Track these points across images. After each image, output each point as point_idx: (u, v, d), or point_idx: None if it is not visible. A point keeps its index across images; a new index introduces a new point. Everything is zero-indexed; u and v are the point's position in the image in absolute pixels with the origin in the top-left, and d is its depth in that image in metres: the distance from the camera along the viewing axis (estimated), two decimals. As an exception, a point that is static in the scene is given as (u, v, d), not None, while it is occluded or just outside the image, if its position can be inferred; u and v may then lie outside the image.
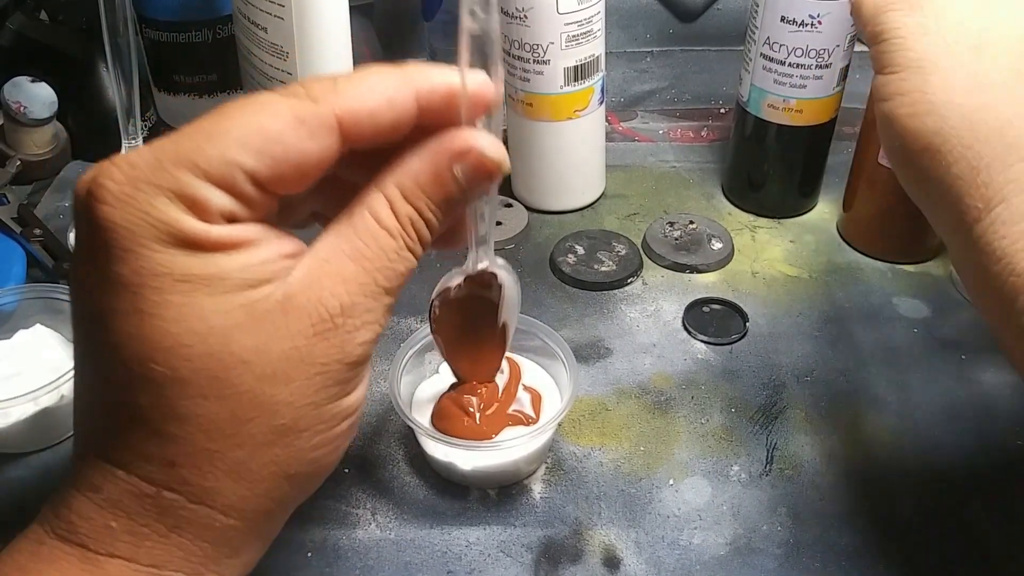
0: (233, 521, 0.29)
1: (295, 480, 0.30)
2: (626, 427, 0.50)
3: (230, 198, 0.27)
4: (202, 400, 0.27)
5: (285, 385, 0.28)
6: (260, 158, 0.27)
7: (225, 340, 0.27)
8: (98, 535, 0.28)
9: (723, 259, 0.61)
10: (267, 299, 0.28)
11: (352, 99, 0.29)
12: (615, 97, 0.79)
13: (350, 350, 0.29)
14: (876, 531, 0.44)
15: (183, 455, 0.28)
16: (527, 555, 0.44)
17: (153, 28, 0.68)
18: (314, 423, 0.29)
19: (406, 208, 0.30)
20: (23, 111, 0.63)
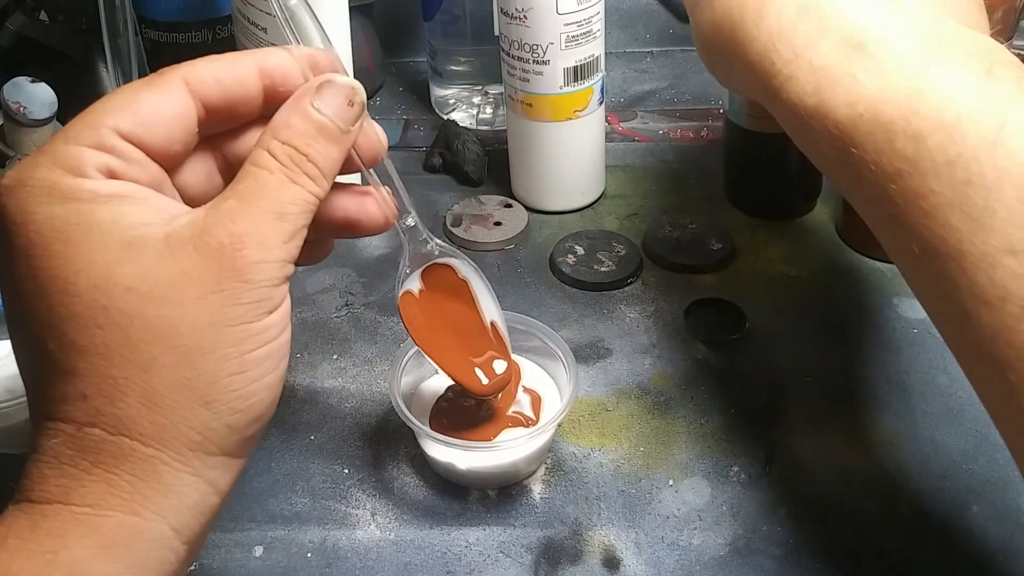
0: (155, 451, 0.30)
1: (215, 409, 0.30)
2: (626, 427, 0.50)
3: (104, 154, 0.31)
4: (97, 330, 0.29)
5: (177, 306, 0.30)
6: (120, 114, 0.31)
7: (106, 271, 0.29)
8: (36, 485, 0.30)
9: (723, 259, 0.61)
10: (146, 237, 0.30)
11: (193, 65, 0.33)
12: (615, 97, 0.79)
13: (242, 267, 0.30)
14: (876, 531, 0.44)
15: (92, 386, 0.29)
16: (527, 556, 0.44)
17: (153, 28, 0.68)
18: (219, 344, 0.30)
19: (282, 148, 0.32)
20: (23, 111, 0.63)
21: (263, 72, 0.34)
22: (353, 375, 0.54)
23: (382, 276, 0.61)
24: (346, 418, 0.51)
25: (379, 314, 0.58)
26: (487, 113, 0.75)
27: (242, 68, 0.34)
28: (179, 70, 0.33)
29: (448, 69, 0.76)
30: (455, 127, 0.71)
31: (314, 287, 0.60)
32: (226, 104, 0.34)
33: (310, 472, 0.48)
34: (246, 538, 0.45)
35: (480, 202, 0.66)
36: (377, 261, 0.62)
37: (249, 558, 0.44)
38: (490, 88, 0.76)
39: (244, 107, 0.34)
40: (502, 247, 0.63)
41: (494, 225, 0.64)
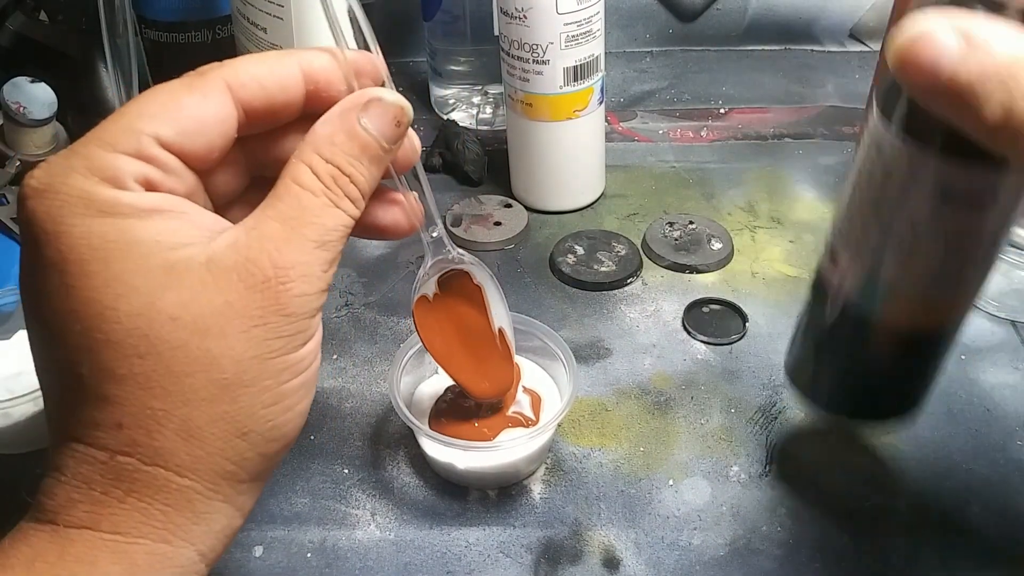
0: (189, 482, 0.30)
1: (251, 440, 0.30)
2: (626, 427, 0.50)
3: (142, 163, 0.29)
4: (137, 359, 0.28)
5: (220, 339, 0.29)
6: (160, 121, 0.30)
7: (149, 298, 0.28)
8: (63, 509, 0.29)
9: (723, 259, 0.61)
10: (189, 260, 0.29)
11: (235, 66, 0.32)
12: (615, 97, 0.79)
13: (286, 301, 0.30)
14: (876, 531, 0.44)
15: (128, 416, 0.28)
16: (527, 556, 0.44)
17: (153, 28, 0.68)
18: (260, 377, 0.30)
19: (325, 167, 0.31)
20: (23, 111, 0.63)
21: (307, 76, 0.33)
22: (353, 375, 0.54)
23: (382, 276, 0.61)
24: (346, 418, 0.51)
25: (379, 314, 0.58)
26: (487, 113, 0.75)
27: (285, 71, 0.33)
28: (221, 71, 0.32)
29: (448, 69, 0.76)
30: (455, 127, 0.71)
31: (314, 287, 0.60)
32: (267, 108, 0.33)
33: (310, 472, 0.48)
34: (246, 538, 0.45)
35: (480, 202, 0.66)
36: (377, 261, 0.62)
37: (249, 558, 0.44)
38: (490, 88, 0.76)
39: (285, 111, 0.33)
40: (502, 247, 0.63)
41: (494, 225, 0.64)
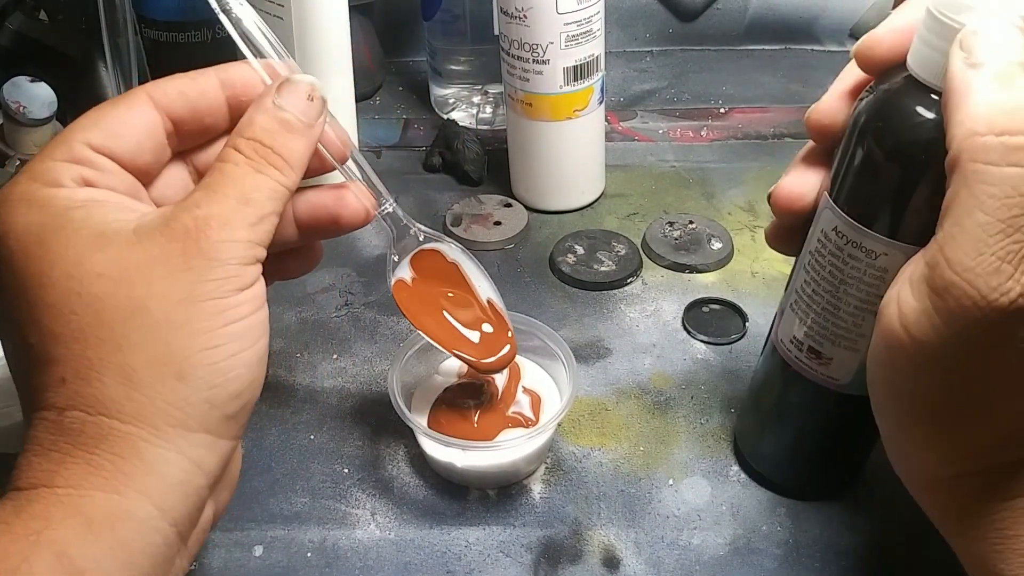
0: (134, 428, 0.30)
1: (192, 384, 0.31)
2: (626, 427, 0.50)
3: (76, 165, 0.33)
4: (72, 315, 0.30)
5: (146, 285, 0.31)
6: (90, 130, 0.33)
7: (77, 261, 0.31)
8: (24, 474, 0.30)
9: (723, 259, 0.61)
10: (117, 229, 0.31)
11: (158, 82, 0.36)
12: (615, 97, 0.79)
13: (207, 246, 0.31)
14: (876, 531, 0.44)
15: (69, 370, 0.30)
16: (527, 555, 0.44)
17: (152, 28, 0.68)
18: (191, 319, 0.31)
19: (246, 143, 0.34)
20: (22, 111, 0.63)
21: (225, 84, 0.36)
22: (353, 375, 0.54)
23: (382, 276, 0.60)
24: (346, 418, 0.51)
25: (379, 314, 0.58)
26: (487, 113, 0.75)
27: (204, 81, 0.36)
28: (144, 87, 0.35)
29: (448, 68, 0.76)
30: (455, 126, 0.71)
31: (314, 287, 0.60)
32: (192, 116, 0.36)
33: (310, 472, 0.48)
34: (246, 538, 0.45)
35: (480, 201, 0.66)
36: (377, 261, 0.62)
37: (249, 558, 0.44)
38: (490, 87, 0.76)
39: (210, 118, 0.37)
40: (502, 247, 0.63)
41: (494, 225, 0.64)
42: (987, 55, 0.29)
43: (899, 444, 0.35)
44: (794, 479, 0.46)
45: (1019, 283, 0.28)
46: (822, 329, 0.39)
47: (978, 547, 0.33)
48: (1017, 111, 0.28)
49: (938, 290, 0.29)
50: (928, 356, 0.30)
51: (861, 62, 0.36)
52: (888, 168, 0.34)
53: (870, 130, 0.34)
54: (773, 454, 0.46)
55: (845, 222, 0.36)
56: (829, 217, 0.37)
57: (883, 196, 0.34)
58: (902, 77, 0.33)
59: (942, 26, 0.31)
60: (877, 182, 0.34)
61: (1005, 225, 0.28)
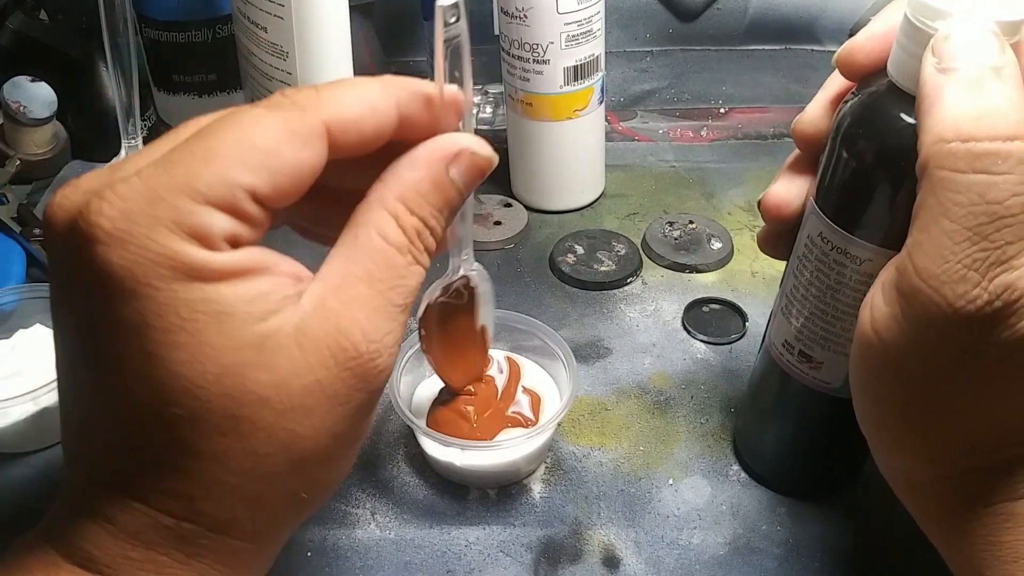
0: (249, 545, 0.30)
1: (308, 503, 0.31)
2: (626, 427, 0.50)
3: (232, 220, 0.27)
4: (220, 437, 0.27)
5: (306, 419, 0.28)
6: (259, 174, 0.27)
7: (240, 379, 0.27)
8: (118, 564, 0.28)
9: (723, 259, 0.61)
10: (279, 332, 0.27)
11: (337, 106, 0.29)
12: (615, 97, 0.79)
13: (372, 377, 0.29)
14: (876, 531, 0.44)
15: (201, 489, 0.28)
16: (527, 555, 0.44)
17: (153, 28, 0.68)
18: (334, 454, 0.29)
19: (411, 220, 0.30)
20: (23, 111, 0.63)
21: (402, 118, 0.31)
22: (353, 374, 0.54)
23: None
24: (346, 417, 0.51)
25: (379, 313, 0.58)
26: (487, 112, 0.75)
27: (385, 113, 0.30)
28: (322, 110, 0.28)
29: (448, 68, 0.76)
30: (455, 126, 0.71)
31: (314, 286, 0.60)
32: (355, 152, 0.30)
33: (310, 471, 0.48)
34: (246, 537, 0.45)
35: (480, 201, 0.66)
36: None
37: (249, 557, 0.44)
38: (490, 87, 0.76)
39: (368, 149, 0.30)
40: (502, 246, 0.63)
41: (494, 224, 0.64)
42: (959, 60, 0.29)
43: (877, 446, 0.35)
44: (791, 478, 0.46)
45: (985, 291, 0.28)
46: (811, 333, 0.39)
47: (963, 552, 0.33)
48: (984, 117, 0.28)
49: (906, 295, 0.29)
50: (894, 359, 0.31)
51: (842, 69, 0.36)
52: (868, 174, 0.34)
53: (850, 136, 0.34)
54: (770, 454, 0.46)
55: (829, 228, 0.36)
56: (814, 223, 0.37)
57: (864, 202, 0.34)
58: (882, 83, 0.33)
59: (918, 32, 0.31)
60: (858, 188, 0.34)
61: (971, 233, 0.28)
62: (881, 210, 0.34)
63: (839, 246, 0.36)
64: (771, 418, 0.45)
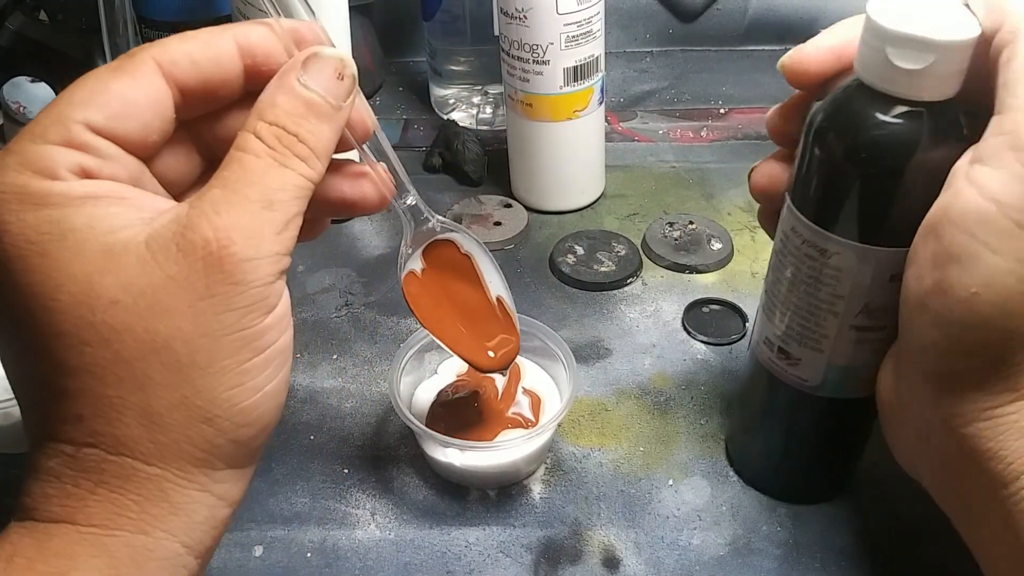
0: (158, 470, 0.29)
1: (218, 425, 0.29)
2: (626, 427, 0.50)
3: (76, 152, 0.28)
4: (85, 347, 0.27)
5: (166, 317, 0.28)
6: (89, 108, 0.29)
7: (88, 284, 0.27)
8: (39, 504, 0.29)
9: (723, 259, 0.61)
10: (127, 241, 0.28)
11: (167, 45, 0.31)
12: (615, 97, 0.79)
13: (232, 268, 0.28)
14: (876, 531, 0.44)
15: (87, 407, 0.28)
16: (527, 555, 0.44)
17: (152, 28, 0.68)
18: (216, 357, 0.28)
19: (268, 129, 0.30)
20: (23, 111, 0.63)
21: (243, 50, 0.31)
22: (353, 375, 0.54)
23: (382, 276, 0.61)
24: (346, 418, 0.51)
25: (379, 314, 0.58)
26: (487, 113, 0.75)
27: (220, 47, 0.31)
28: (150, 51, 0.30)
29: (448, 69, 0.76)
30: (455, 127, 0.71)
31: (314, 287, 0.60)
32: (204, 86, 0.31)
33: (310, 472, 0.48)
34: (246, 538, 0.45)
35: (480, 202, 0.66)
36: (377, 261, 0.62)
37: (249, 558, 0.44)
38: (490, 88, 0.76)
39: (224, 89, 0.32)
40: (502, 247, 0.63)
41: (494, 225, 0.64)
42: None
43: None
44: (781, 483, 0.46)
45: None
46: (788, 329, 0.39)
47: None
48: None
49: None
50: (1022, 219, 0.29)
51: (788, 76, 0.37)
52: (838, 169, 0.34)
53: (821, 132, 0.35)
54: (758, 459, 0.46)
55: (801, 222, 0.36)
56: (788, 218, 0.37)
57: (835, 197, 0.35)
58: (850, 81, 0.34)
59: (884, 30, 0.31)
60: (829, 183, 0.35)
61: None
62: (851, 205, 0.34)
63: (810, 240, 0.36)
64: (757, 421, 0.45)
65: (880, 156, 0.33)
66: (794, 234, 0.37)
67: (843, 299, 0.36)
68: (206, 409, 0.29)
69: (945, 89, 0.32)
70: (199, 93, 0.31)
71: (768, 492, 0.46)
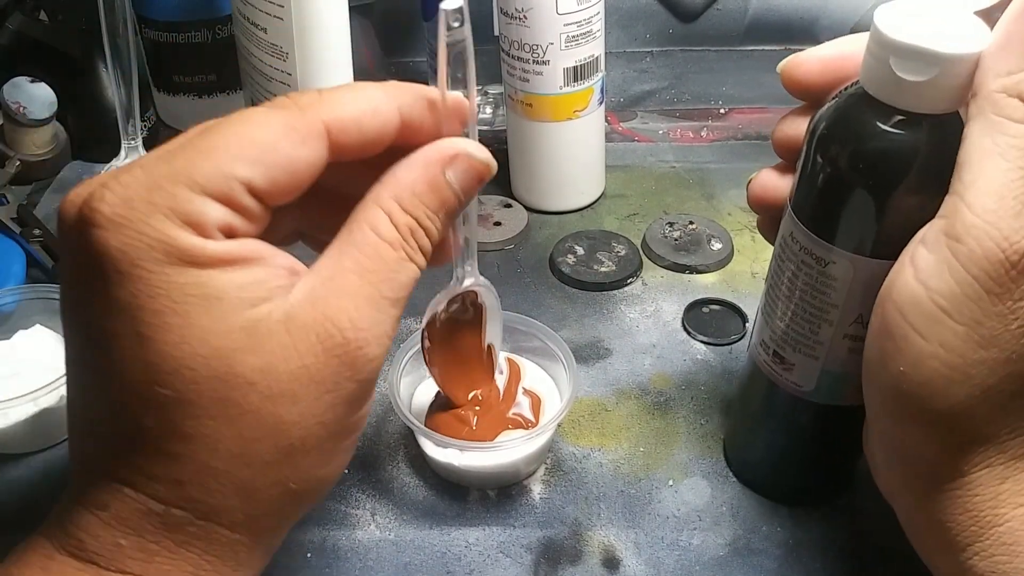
0: (239, 537, 0.29)
1: (300, 496, 0.30)
2: (626, 428, 0.50)
3: (228, 211, 0.28)
4: (208, 420, 0.27)
5: (293, 405, 0.28)
6: (255, 168, 0.28)
7: (229, 362, 0.27)
8: (108, 552, 0.28)
9: (723, 259, 0.61)
10: (268, 318, 0.28)
11: (338, 107, 0.30)
12: (615, 97, 0.79)
13: (360, 366, 0.29)
14: (876, 531, 0.44)
15: (190, 474, 0.28)
16: (526, 556, 0.44)
17: (153, 28, 0.68)
18: (322, 443, 0.29)
19: (405, 218, 0.30)
20: (23, 111, 0.63)
21: (404, 121, 0.31)
22: (353, 375, 0.54)
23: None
24: (346, 418, 0.51)
25: (379, 314, 0.58)
26: (487, 113, 0.75)
27: (386, 115, 0.31)
28: (322, 109, 0.29)
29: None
30: (455, 127, 0.71)
31: (314, 287, 0.60)
32: (357, 153, 0.31)
33: (310, 472, 0.48)
34: (246, 538, 0.45)
35: (480, 202, 0.66)
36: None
37: (249, 558, 0.44)
38: (490, 88, 0.76)
39: (371, 151, 0.31)
40: (502, 247, 0.63)
41: (494, 225, 0.64)
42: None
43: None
44: (779, 485, 0.46)
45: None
46: (783, 334, 0.39)
47: None
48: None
49: (958, 236, 0.29)
50: (943, 307, 0.30)
51: (784, 81, 0.37)
52: (839, 178, 0.34)
53: (823, 140, 0.34)
54: (756, 461, 0.46)
55: (799, 228, 0.36)
56: (787, 223, 0.37)
57: (834, 206, 0.35)
58: (854, 90, 0.34)
59: (888, 40, 0.31)
60: (829, 191, 0.35)
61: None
62: (850, 215, 0.34)
63: (807, 247, 0.36)
64: (754, 423, 0.45)
65: (877, 166, 0.32)
66: (792, 240, 0.37)
67: (838, 308, 0.36)
68: (299, 484, 0.30)
69: (948, 101, 0.31)
70: (350, 154, 0.31)
71: (766, 494, 0.46)
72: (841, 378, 0.38)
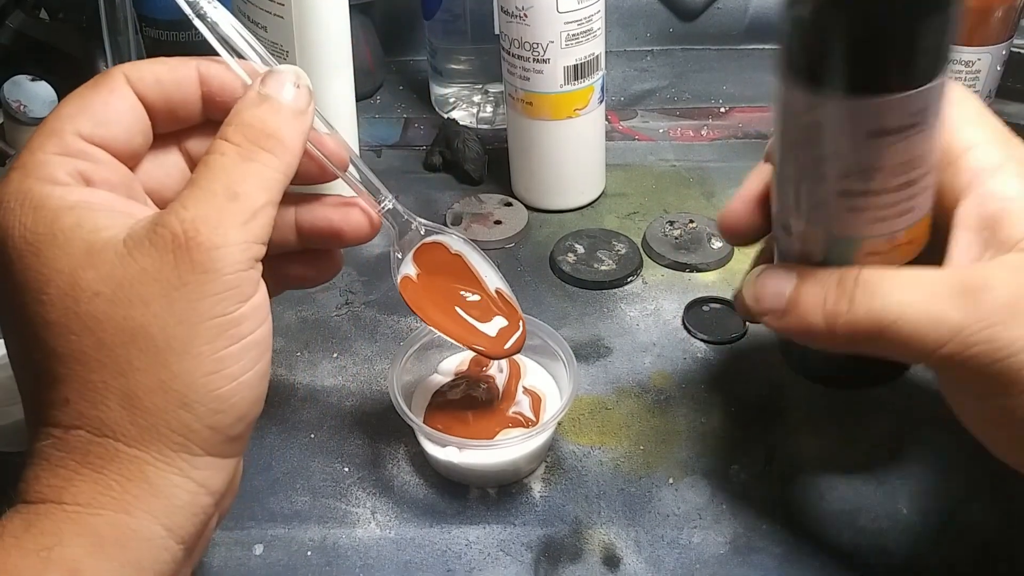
0: (138, 452, 0.30)
1: (195, 411, 0.30)
2: (626, 426, 0.50)
3: (70, 158, 0.32)
4: (72, 336, 0.30)
5: (142, 307, 0.30)
6: (77, 119, 0.32)
7: (72, 278, 0.30)
8: (30, 486, 0.30)
9: (723, 258, 0.61)
10: (108, 239, 0.30)
11: (136, 64, 0.35)
12: (615, 96, 0.79)
13: (200, 257, 0.30)
14: (876, 531, 0.44)
15: (74, 391, 0.30)
16: (527, 554, 0.44)
17: (153, 27, 0.68)
18: (191, 343, 0.30)
19: (235, 131, 0.33)
20: (23, 110, 0.63)
21: (203, 78, 0.36)
22: (353, 373, 0.54)
23: (382, 275, 0.61)
24: (346, 416, 0.51)
25: (379, 313, 0.58)
26: (487, 112, 0.75)
27: (183, 72, 0.35)
28: (120, 69, 0.34)
29: (448, 68, 0.76)
30: (455, 126, 0.71)
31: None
32: (165, 105, 0.35)
33: (310, 470, 0.48)
34: (246, 536, 0.45)
35: (480, 201, 0.66)
36: (377, 260, 0.62)
37: (249, 556, 0.44)
38: (490, 87, 0.76)
39: (183, 111, 0.36)
40: (502, 246, 0.63)
41: (494, 224, 0.64)
42: None
43: None
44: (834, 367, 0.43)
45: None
46: (783, 203, 0.38)
47: None
48: None
49: None
50: None
51: (725, 235, 0.40)
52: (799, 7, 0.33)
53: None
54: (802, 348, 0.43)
55: (778, 83, 0.35)
56: (776, 93, 0.35)
57: (799, 43, 0.33)
58: None
59: None
60: (793, 27, 0.33)
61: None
62: (814, 50, 0.33)
63: (786, 101, 0.35)
64: None
65: None
66: (777, 102, 0.36)
67: (826, 160, 0.35)
68: (183, 394, 0.30)
69: None
70: (161, 111, 0.35)
71: (825, 382, 0.45)
72: (851, 243, 0.37)
